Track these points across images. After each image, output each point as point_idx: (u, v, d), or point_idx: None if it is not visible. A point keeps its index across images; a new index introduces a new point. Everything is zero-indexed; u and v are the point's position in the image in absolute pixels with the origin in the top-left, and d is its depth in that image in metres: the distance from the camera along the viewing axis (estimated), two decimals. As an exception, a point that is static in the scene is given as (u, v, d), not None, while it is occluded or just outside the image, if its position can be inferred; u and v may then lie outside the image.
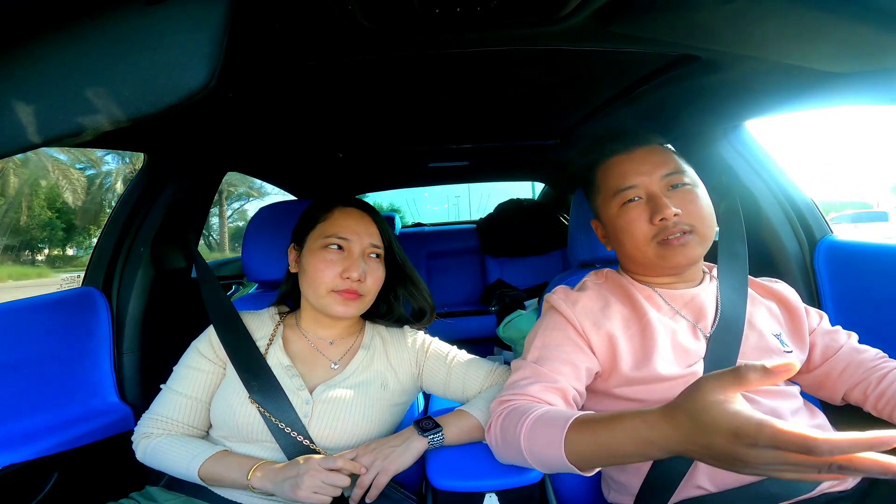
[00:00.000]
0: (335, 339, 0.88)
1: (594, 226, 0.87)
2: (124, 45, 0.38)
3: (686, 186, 0.74)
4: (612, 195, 0.77)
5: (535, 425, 0.61)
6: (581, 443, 0.55)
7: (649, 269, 0.78)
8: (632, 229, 0.74)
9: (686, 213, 0.72)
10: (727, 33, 0.66)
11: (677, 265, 0.74)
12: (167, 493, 0.76)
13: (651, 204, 0.73)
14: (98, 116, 0.37)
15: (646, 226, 0.73)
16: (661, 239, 0.72)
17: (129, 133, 1.01)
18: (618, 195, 0.76)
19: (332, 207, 0.86)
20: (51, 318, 1.01)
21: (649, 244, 0.73)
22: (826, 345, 0.77)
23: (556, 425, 0.58)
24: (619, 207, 0.76)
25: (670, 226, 0.71)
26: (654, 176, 0.74)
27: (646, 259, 0.75)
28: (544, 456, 0.59)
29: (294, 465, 0.69)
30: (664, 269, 0.77)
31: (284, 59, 0.74)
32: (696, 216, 0.73)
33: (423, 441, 0.74)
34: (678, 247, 0.72)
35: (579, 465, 0.56)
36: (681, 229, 0.71)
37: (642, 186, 0.74)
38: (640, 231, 0.73)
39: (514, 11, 0.62)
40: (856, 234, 1.03)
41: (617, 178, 0.76)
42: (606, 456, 0.54)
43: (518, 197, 2.58)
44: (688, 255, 0.72)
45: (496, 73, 0.92)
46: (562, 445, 0.56)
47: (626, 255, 0.80)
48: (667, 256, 0.73)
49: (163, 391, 0.83)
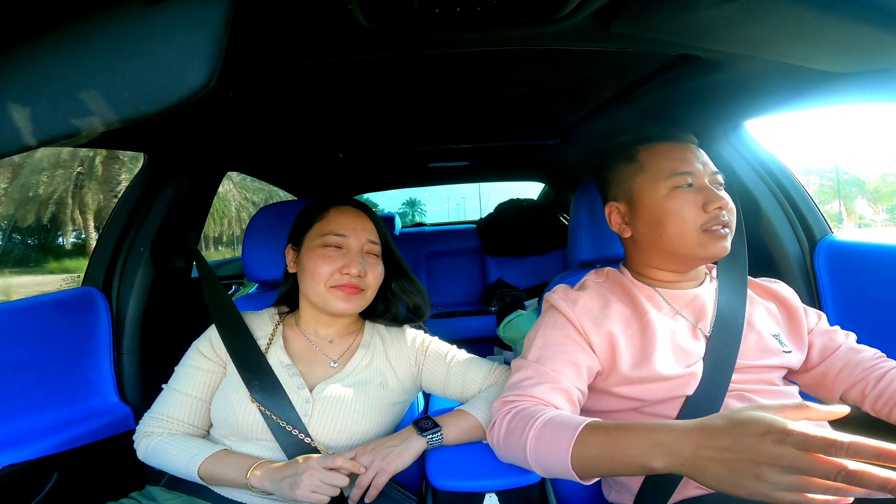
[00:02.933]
0: (335, 337, 0.88)
1: (611, 209, 0.83)
2: (124, 45, 0.38)
3: (723, 188, 0.77)
4: (664, 177, 0.76)
5: (544, 429, 0.61)
6: (589, 448, 0.56)
7: (674, 260, 0.78)
8: (683, 213, 0.74)
9: (727, 210, 0.75)
10: (727, 33, 0.65)
11: (714, 255, 0.75)
12: (167, 493, 0.76)
13: (704, 193, 0.74)
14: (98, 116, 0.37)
15: (696, 212, 0.74)
16: (709, 227, 0.73)
17: (129, 133, 1.01)
18: (672, 178, 0.75)
19: (328, 207, 0.87)
20: (51, 318, 1.01)
21: (696, 230, 0.74)
22: (824, 344, 0.77)
23: (568, 429, 0.59)
24: (670, 190, 0.75)
25: (721, 216, 0.73)
26: (706, 169, 0.77)
27: (684, 246, 0.75)
28: (548, 459, 0.60)
29: (293, 464, 0.69)
30: (692, 260, 0.77)
31: (284, 59, 0.74)
32: (732, 216, 0.76)
33: (422, 441, 0.74)
34: (721, 237, 0.73)
35: (581, 471, 0.57)
36: (726, 223, 0.74)
37: (697, 175, 0.76)
38: (691, 216, 0.74)
39: (513, 11, 0.62)
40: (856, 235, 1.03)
41: (673, 162, 0.76)
42: (609, 462, 0.55)
43: (520, 197, 2.58)
44: (725, 248, 0.74)
45: (496, 73, 0.92)
46: (570, 448, 0.57)
47: (659, 241, 0.77)
48: (707, 246, 0.74)
49: (164, 390, 0.84)
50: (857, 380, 0.72)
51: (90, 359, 1.06)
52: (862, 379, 0.71)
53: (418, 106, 1.14)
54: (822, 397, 0.78)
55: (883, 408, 0.68)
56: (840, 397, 0.75)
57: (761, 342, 0.74)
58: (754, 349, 0.73)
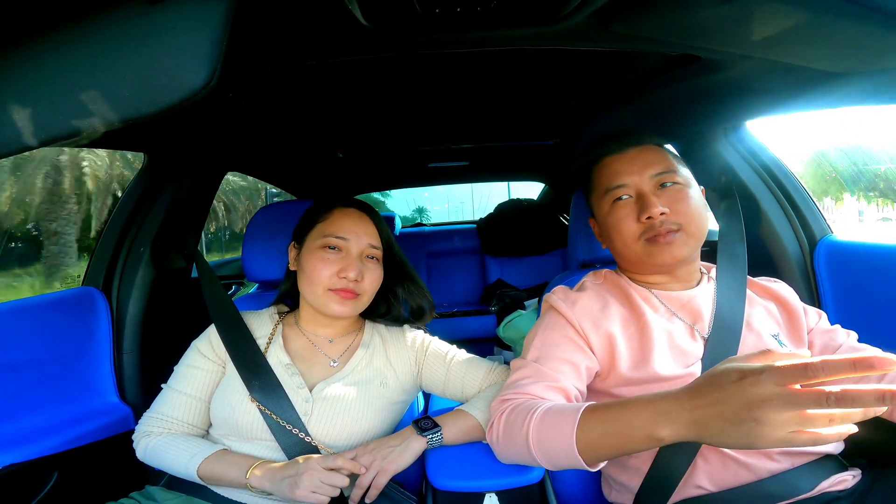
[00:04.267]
0: (335, 337, 0.88)
1: (591, 224, 0.88)
2: (124, 45, 0.38)
3: (676, 185, 0.75)
4: (603, 193, 0.79)
5: (544, 417, 0.61)
6: (593, 427, 0.56)
7: (639, 267, 0.80)
8: (620, 227, 0.76)
9: (674, 211, 0.73)
10: (727, 33, 0.65)
11: (663, 263, 0.75)
12: (167, 493, 0.76)
13: (639, 203, 0.75)
14: (98, 116, 0.37)
15: (633, 224, 0.75)
16: (649, 237, 0.73)
17: (129, 133, 1.01)
18: (608, 193, 0.78)
19: (331, 208, 0.86)
20: (51, 318, 1.01)
21: (637, 242, 0.75)
22: (824, 343, 0.77)
23: (569, 413, 0.59)
24: (609, 205, 0.78)
25: (657, 224, 0.73)
26: (643, 175, 0.75)
27: (634, 256, 0.77)
28: (552, 447, 0.59)
29: (293, 464, 0.69)
30: (652, 267, 0.78)
31: (285, 59, 0.74)
32: (685, 215, 0.73)
33: (422, 441, 0.74)
34: (664, 245, 0.73)
35: (587, 454, 0.57)
36: (667, 228, 0.72)
37: (632, 185, 0.76)
38: (628, 229, 0.75)
39: (513, 11, 0.62)
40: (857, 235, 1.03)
41: (608, 177, 0.78)
42: (615, 438, 0.55)
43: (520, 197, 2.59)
44: (674, 254, 0.73)
45: (496, 72, 0.92)
46: (573, 432, 0.57)
47: (616, 253, 0.81)
48: (653, 254, 0.74)
49: (163, 390, 0.84)
50: (858, 379, 0.72)
51: (90, 359, 1.06)
52: (862, 378, 0.71)
53: (418, 106, 1.14)
54: None
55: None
56: None
57: (760, 343, 0.74)
58: (753, 350, 0.73)
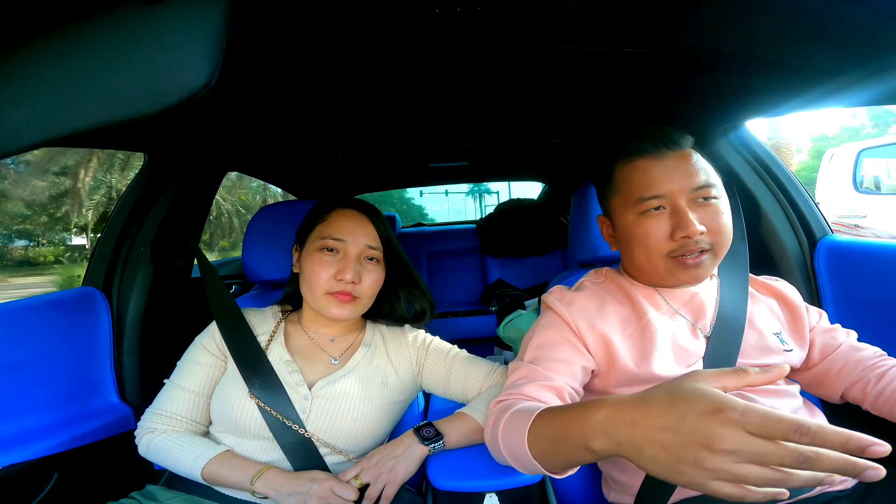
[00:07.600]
0: (336, 335, 0.88)
1: (600, 222, 0.82)
2: (124, 45, 0.38)
3: (713, 201, 0.69)
4: (633, 201, 0.71)
5: (510, 418, 0.59)
6: (542, 434, 0.53)
7: (653, 279, 0.77)
8: (648, 241, 0.69)
9: (710, 230, 0.68)
10: (727, 33, 0.65)
11: (684, 283, 0.72)
12: (168, 492, 0.76)
13: (675, 217, 0.67)
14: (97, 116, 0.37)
15: (664, 240, 0.68)
16: (677, 256, 0.69)
17: (129, 133, 1.01)
18: (640, 203, 0.70)
19: (330, 209, 0.86)
20: (51, 317, 1.01)
21: (662, 258, 0.69)
22: (825, 343, 0.77)
23: (525, 416, 0.55)
24: (638, 215, 0.70)
25: (691, 244, 0.67)
26: (684, 187, 0.68)
27: (653, 271, 0.73)
28: (516, 453, 0.58)
29: (303, 479, 0.70)
30: (667, 283, 0.75)
31: (284, 59, 0.74)
32: (718, 233, 0.69)
33: (425, 449, 0.74)
34: (691, 267, 0.68)
35: (543, 461, 0.54)
36: (700, 248, 0.68)
37: (669, 197, 0.68)
38: (657, 245, 0.69)
39: (514, 11, 0.62)
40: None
41: (641, 185, 0.70)
42: (558, 446, 0.50)
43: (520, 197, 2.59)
44: (699, 276, 0.70)
45: (496, 72, 0.92)
46: (525, 437, 0.54)
47: (631, 262, 0.77)
48: (676, 274, 0.70)
49: (166, 386, 0.84)
50: (858, 378, 0.72)
51: (91, 359, 1.06)
52: (863, 377, 0.71)
53: (418, 105, 1.14)
54: (823, 396, 0.78)
55: (884, 406, 0.68)
56: (841, 396, 0.75)
57: (762, 341, 0.74)
58: (755, 348, 0.73)
